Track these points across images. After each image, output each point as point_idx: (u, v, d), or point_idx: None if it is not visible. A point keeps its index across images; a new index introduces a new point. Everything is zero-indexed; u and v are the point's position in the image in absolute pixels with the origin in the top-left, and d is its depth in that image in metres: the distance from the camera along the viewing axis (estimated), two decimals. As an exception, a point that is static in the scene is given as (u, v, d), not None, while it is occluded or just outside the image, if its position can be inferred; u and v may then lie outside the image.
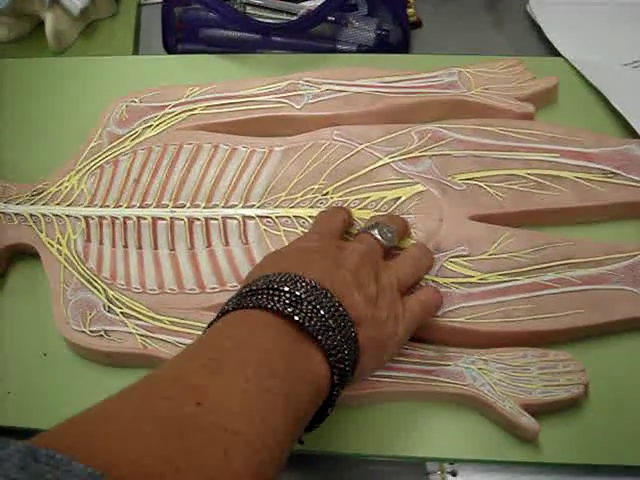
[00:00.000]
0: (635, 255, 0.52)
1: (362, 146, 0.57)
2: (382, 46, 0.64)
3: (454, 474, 0.53)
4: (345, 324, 0.41)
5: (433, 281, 0.52)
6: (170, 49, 0.66)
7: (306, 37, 0.64)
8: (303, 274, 0.41)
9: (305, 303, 0.40)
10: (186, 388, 0.35)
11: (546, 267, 0.52)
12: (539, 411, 0.49)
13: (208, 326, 0.42)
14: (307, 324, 0.40)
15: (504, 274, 0.52)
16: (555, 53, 0.62)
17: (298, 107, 0.59)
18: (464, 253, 0.53)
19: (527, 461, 0.49)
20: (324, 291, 0.41)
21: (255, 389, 0.36)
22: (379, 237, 0.50)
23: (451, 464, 0.53)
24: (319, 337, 0.40)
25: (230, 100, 0.60)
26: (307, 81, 0.60)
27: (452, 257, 0.53)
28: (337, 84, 0.60)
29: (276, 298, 0.40)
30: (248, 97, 0.60)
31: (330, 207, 0.55)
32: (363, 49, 0.64)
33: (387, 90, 0.59)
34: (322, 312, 0.40)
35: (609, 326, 0.51)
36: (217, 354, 0.38)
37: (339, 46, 0.64)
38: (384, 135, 0.57)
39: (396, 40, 0.64)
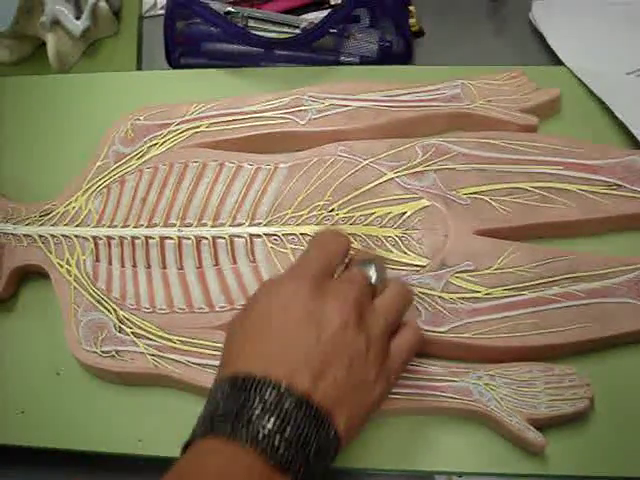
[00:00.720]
0: (638, 268, 0.53)
1: (367, 161, 0.57)
2: (385, 57, 0.64)
3: (462, 486, 0.54)
4: (326, 439, 0.40)
5: (440, 297, 0.53)
6: (173, 63, 0.67)
7: (309, 50, 0.64)
8: (283, 382, 0.39)
9: (278, 436, 0.38)
10: None
11: (551, 281, 0.52)
12: (545, 425, 0.49)
13: (184, 449, 0.41)
14: (281, 462, 0.38)
15: (509, 289, 0.52)
16: (559, 61, 0.62)
17: (302, 123, 0.60)
18: (470, 268, 0.53)
19: (534, 474, 0.50)
20: (300, 403, 0.39)
21: None
22: (374, 278, 0.47)
23: (459, 477, 0.54)
24: (294, 472, 0.38)
25: (234, 117, 0.60)
26: (311, 96, 0.60)
27: (458, 272, 0.53)
28: (341, 99, 0.60)
29: (251, 429, 0.38)
30: (252, 113, 0.60)
31: (329, 231, 0.51)
32: (366, 61, 0.64)
33: (390, 104, 0.59)
34: (300, 438, 0.39)
35: (614, 339, 0.52)
36: None
37: (342, 58, 0.64)
38: (388, 150, 0.58)
39: (399, 51, 0.64)
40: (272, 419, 0.38)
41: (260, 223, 0.56)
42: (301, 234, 0.55)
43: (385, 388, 0.45)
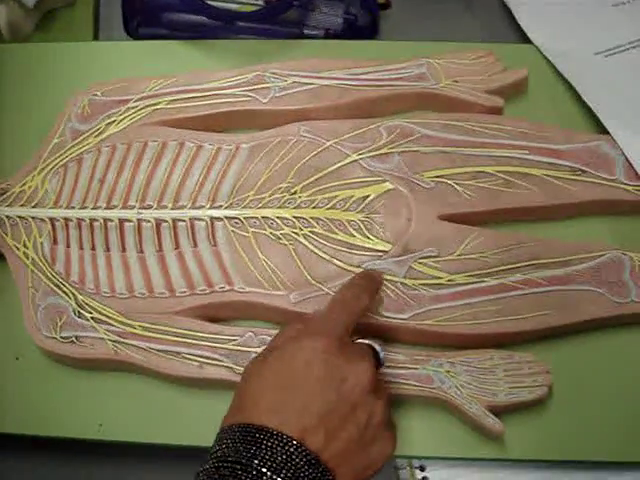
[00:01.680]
0: (601, 255, 0.53)
1: (330, 142, 0.56)
2: (350, 31, 0.62)
3: (422, 469, 0.54)
4: None
5: (402, 283, 0.52)
6: (131, 33, 0.64)
7: (272, 22, 0.62)
8: (296, 439, 0.39)
9: None
10: None
11: (513, 268, 0.53)
12: (504, 411, 0.50)
13: None
14: None
15: (472, 275, 0.52)
16: (527, 39, 0.61)
17: (265, 101, 0.58)
18: (433, 254, 0.53)
19: (493, 458, 0.51)
20: (310, 461, 0.39)
21: None
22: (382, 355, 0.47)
23: (419, 460, 0.54)
24: None
25: (194, 94, 0.58)
26: (273, 73, 0.59)
27: (421, 258, 0.53)
28: (304, 76, 0.58)
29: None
30: (213, 90, 0.58)
31: (361, 278, 0.50)
32: (331, 34, 0.62)
33: (355, 83, 0.58)
34: None
35: (574, 326, 0.52)
36: None
37: (306, 31, 0.62)
38: (352, 131, 0.56)
39: (364, 24, 0.63)
40: (281, 475, 0.38)
41: (221, 206, 0.55)
42: (263, 217, 0.55)
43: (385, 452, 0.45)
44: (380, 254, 0.53)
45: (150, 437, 0.52)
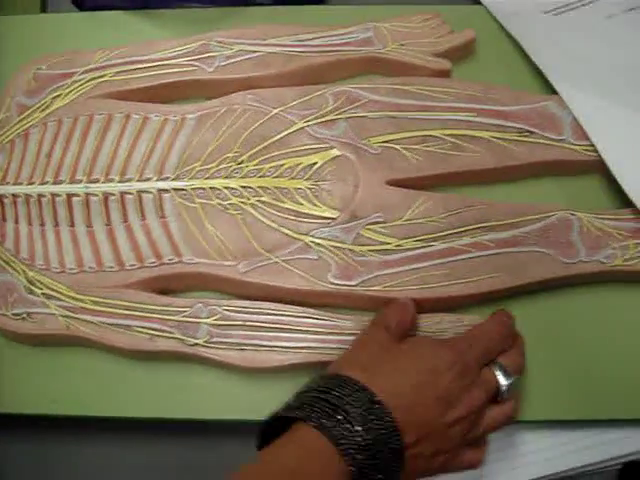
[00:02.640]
0: (549, 216, 0.53)
1: (276, 110, 0.56)
2: (298, -4, 0.61)
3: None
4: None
5: (350, 250, 0.52)
6: (80, 4, 0.63)
7: (219, -11, 0.61)
8: (399, 427, 0.43)
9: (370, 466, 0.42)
10: None
11: (461, 231, 0.52)
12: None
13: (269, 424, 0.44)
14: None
15: (420, 240, 0.52)
16: (476, 0, 0.60)
17: (210, 70, 0.57)
18: (380, 220, 0.53)
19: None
20: (399, 453, 0.43)
21: None
22: (503, 390, 0.48)
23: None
24: None
25: (140, 65, 0.57)
26: (219, 42, 0.58)
27: (368, 224, 0.53)
28: (250, 44, 0.57)
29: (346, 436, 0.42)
30: (158, 61, 0.58)
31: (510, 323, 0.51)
32: (279, 0, 0.61)
33: (301, 49, 0.57)
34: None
35: (523, 288, 0.52)
36: None
37: (254, -3, 0.62)
38: (298, 98, 0.56)
39: (312, -11, 0.62)
40: (367, 451, 0.42)
41: (168, 177, 0.55)
42: (210, 188, 0.54)
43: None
44: (328, 221, 0.53)
45: (104, 410, 0.53)
